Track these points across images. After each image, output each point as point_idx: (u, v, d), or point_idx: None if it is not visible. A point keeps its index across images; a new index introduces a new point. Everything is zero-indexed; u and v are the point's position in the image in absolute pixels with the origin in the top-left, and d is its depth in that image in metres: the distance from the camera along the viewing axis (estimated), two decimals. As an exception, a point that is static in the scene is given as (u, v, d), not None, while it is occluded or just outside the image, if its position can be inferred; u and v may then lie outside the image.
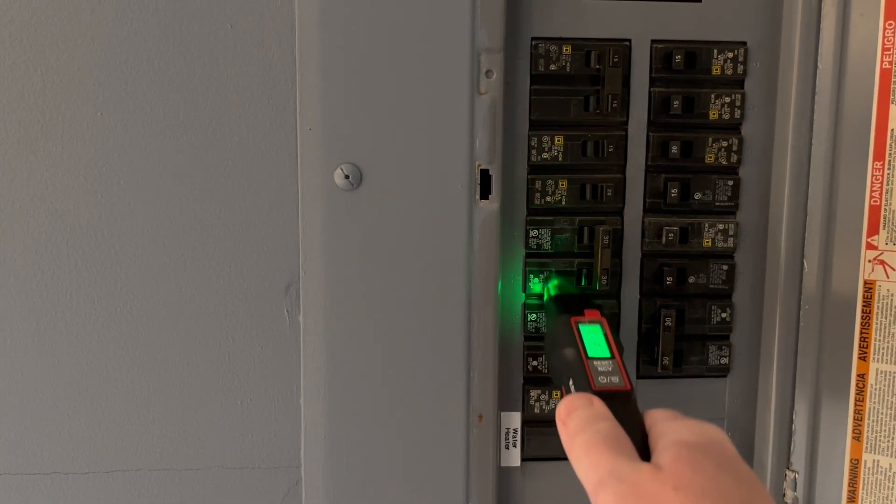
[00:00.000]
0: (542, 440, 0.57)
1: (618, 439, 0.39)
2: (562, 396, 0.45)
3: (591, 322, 0.49)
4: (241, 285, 0.56)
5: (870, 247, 0.55)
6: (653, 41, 0.54)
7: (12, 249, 0.54)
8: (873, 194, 0.55)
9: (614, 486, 0.37)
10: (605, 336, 0.48)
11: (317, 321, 0.54)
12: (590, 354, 0.46)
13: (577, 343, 0.47)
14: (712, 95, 0.55)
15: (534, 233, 0.55)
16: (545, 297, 0.56)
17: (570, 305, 0.51)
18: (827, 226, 0.55)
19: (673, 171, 0.56)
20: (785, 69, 0.55)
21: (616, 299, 0.57)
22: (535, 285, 0.56)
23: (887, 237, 0.55)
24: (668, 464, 0.37)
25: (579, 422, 0.41)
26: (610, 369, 0.45)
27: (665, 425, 0.40)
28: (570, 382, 0.45)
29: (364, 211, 0.53)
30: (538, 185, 0.55)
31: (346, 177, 0.52)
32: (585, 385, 0.44)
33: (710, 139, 0.55)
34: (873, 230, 0.55)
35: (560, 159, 0.55)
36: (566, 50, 0.54)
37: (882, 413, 0.55)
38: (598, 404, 0.42)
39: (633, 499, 0.36)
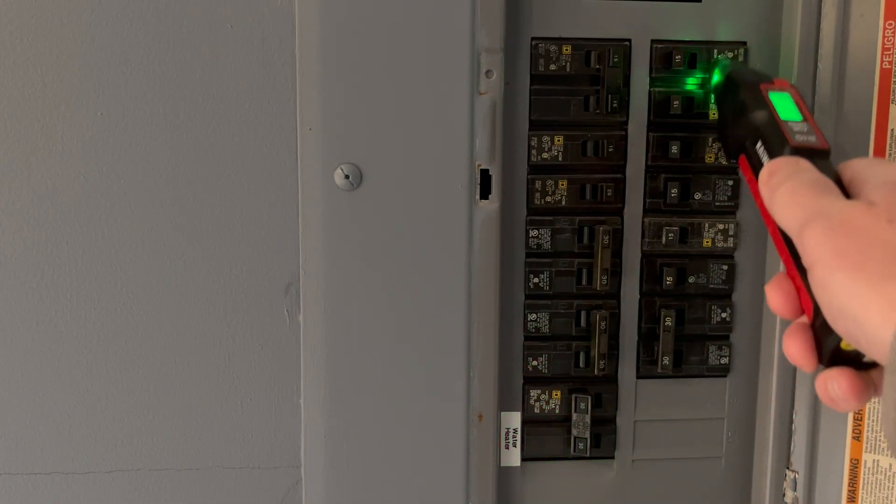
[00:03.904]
0: (542, 440, 0.58)
1: (824, 184, 0.38)
2: (740, 164, 0.45)
3: (780, 90, 0.46)
4: (241, 285, 0.56)
5: (870, 247, 0.55)
6: (653, 41, 0.54)
7: (12, 249, 0.54)
8: (873, 194, 0.55)
9: (823, 221, 0.35)
10: (797, 103, 0.45)
11: (317, 321, 0.54)
12: (782, 118, 0.44)
13: (768, 107, 0.45)
14: (712, 95, 0.55)
15: (534, 233, 0.55)
16: (715, 78, 0.53)
17: (751, 78, 0.49)
18: (827, 226, 0.55)
19: (673, 171, 0.56)
20: (785, 69, 0.55)
21: (616, 299, 0.57)
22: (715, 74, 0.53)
23: (887, 237, 0.55)
24: (881, 199, 0.35)
25: (783, 175, 0.39)
26: (805, 130, 0.43)
27: (870, 169, 0.38)
28: (759, 146, 0.43)
29: (364, 211, 0.53)
30: (538, 185, 0.55)
31: (346, 177, 0.52)
32: (781, 143, 0.42)
33: (710, 139, 0.55)
34: (873, 230, 0.55)
35: (560, 159, 0.55)
36: (566, 50, 0.54)
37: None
38: (804, 162, 0.40)
39: (844, 233, 0.34)
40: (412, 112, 0.52)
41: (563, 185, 0.55)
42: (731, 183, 0.56)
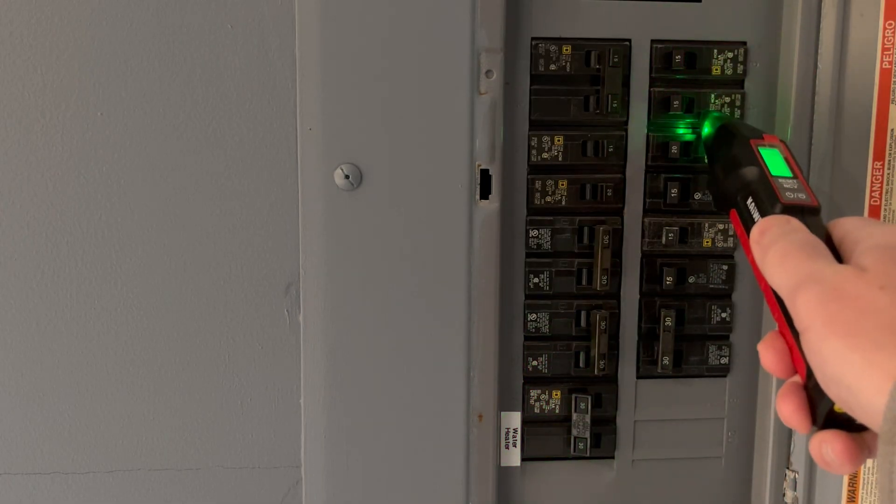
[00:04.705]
0: (542, 440, 0.58)
1: (815, 246, 0.38)
2: (731, 218, 0.45)
3: (770, 146, 0.46)
4: (241, 285, 0.56)
5: (870, 247, 0.55)
6: (653, 41, 0.54)
7: (12, 249, 0.54)
8: (873, 194, 0.55)
9: (815, 287, 0.35)
10: (786, 159, 0.45)
11: (317, 321, 0.54)
12: (773, 174, 0.44)
13: (759, 163, 0.45)
14: (712, 95, 0.55)
15: (534, 233, 0.55)
16: (706, 130, 0.53)
17: (742, 132, 0.49)
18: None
19: (673, 171, 0.56)
20: (785, 69, 0.55)
21: (616, 299, 0.57)
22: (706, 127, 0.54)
23: (887, 237, 0.55)
24: (872, 265, 0.35)
25: (774, 234, 0.39)
26: (795, 187, 0.43)
27: (861, 231, 0.38)
28: (750, 201, 0.43)
29: (364, 211, 0.53)
30: (538, 185, 0.55)
31: (346, 177, 0.52)
32: (771, 200, 0.42)
33: (710, 139, 0.55)
34: (873, 230, 0.55)
35: (560, 159, 0.55)
36: (566, 50, 0.54)
37: (882, 413, 0.55)
38: (794, 221, 0.40)
39: (837, 299, 0.34)
40: (412, 112, 0.52)
41: (563, 185, 0.55)
42: (731, 183, 0.56)
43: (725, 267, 0.57)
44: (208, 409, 0.57)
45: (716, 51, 0.54)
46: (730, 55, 0.55)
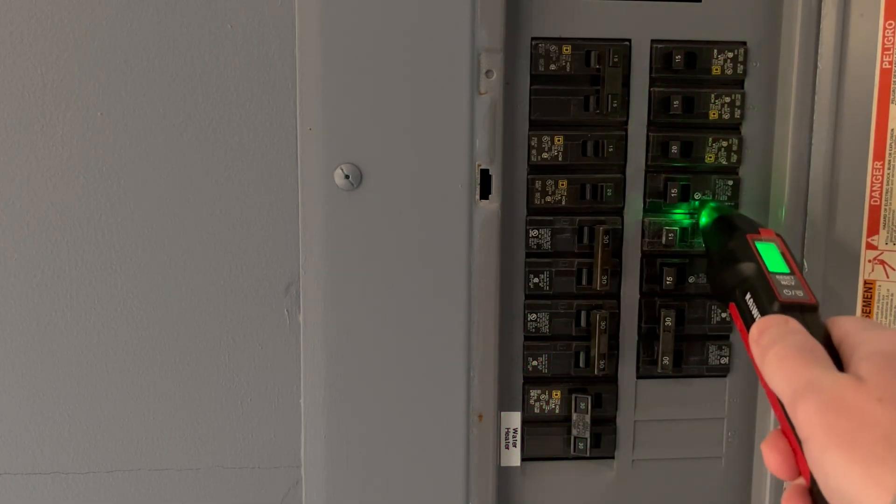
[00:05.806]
0: (542, 440, 0.57)
1: (813, 350, 0.38)
2: (731, 311, 0.45)
3: (767, 240, 0.47)
4: (241, 285, 0.56)
5: (870, 247, 0.55)
6: (653, 41, 0.54)
7: (12, 249, 0.54)
8: (873, 194, 0.55)
9: (814, 397, 0.35)
10: (783, 254, 0.46)
11: (317, 321, 0.54)
12: (770, 270, 0.44)
13: (756, 258, 0.45)
14: (712, 95, 0.55)
15: (534, 233, 0.55)
16: (703, 220, 0.54)
17: (739, 225, 0.49)
18: (827, 226, 0.55)
19: (673, 171, 0.56)
20: (785, 69, 0.55)
21: (616, 299, 0.57)
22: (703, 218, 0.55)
23: (887, 237, 0.55)
24: (870, 375, 0.35)
25: (773, 336, 0.40)
26: (793, 284, 0.43)
27: (860, 335, 0.39)
28: (748, 297, 0.44)
29: (364, 211, 0.53)
30: (538, 185, 0.55)
31: (346, 177, 0.52)
32: (769, 298, 0.43)
33: (710, 139, 0.55)
34: (873, 230, 0.55)
35: (560, 159, 0.55)
36: (566, 50, 0.54)
37: (882, 413, 0.55)
38: (793, 322, 0.40)
39: (836, 410, 0.34)
40: (412, 112, 0.52)
41: (563, 185, 0.55)
42: (731, 183, 0.56)
43: (725, 267, 0.57)
44: (208, 409, 0.57)
45: (716, 51, 0.54)
46: (730, 55, 0.55)
